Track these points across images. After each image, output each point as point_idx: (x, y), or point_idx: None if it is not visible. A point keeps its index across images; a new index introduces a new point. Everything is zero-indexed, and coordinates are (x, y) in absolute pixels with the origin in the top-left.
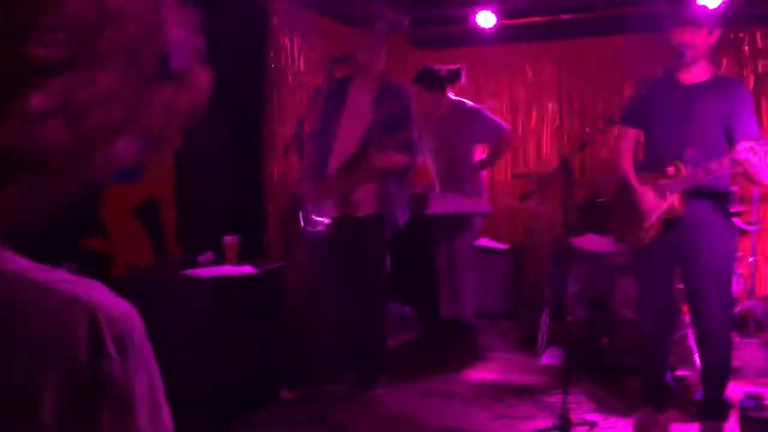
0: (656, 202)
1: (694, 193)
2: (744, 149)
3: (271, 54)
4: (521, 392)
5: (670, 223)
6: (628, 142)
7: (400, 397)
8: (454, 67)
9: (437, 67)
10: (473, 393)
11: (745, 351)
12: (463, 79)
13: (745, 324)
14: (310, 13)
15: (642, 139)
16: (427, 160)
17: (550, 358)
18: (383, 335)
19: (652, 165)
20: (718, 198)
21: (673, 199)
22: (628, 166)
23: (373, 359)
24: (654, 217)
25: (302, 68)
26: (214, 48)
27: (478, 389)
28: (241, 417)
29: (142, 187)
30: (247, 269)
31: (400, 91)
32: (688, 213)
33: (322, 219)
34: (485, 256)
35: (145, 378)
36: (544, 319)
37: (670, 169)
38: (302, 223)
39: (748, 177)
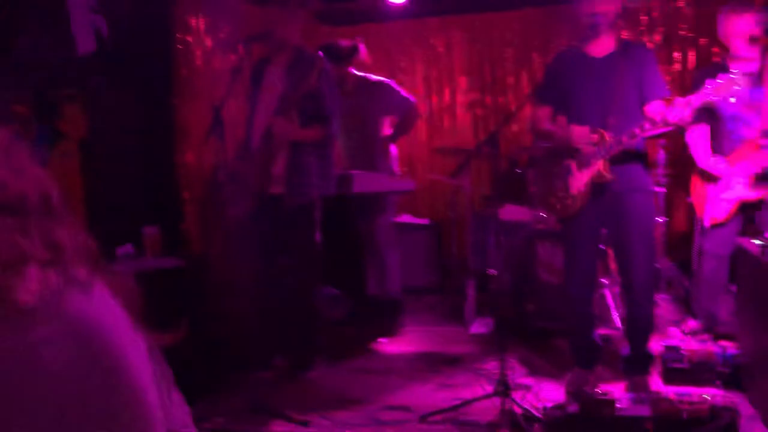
0: (588, 139)
1: (619, 159)
2: (664, 107)
3: (178, 35)
4: (456, 362)
5: (597, 188)
6: (544, 116)
7: (338, 377)
8: (352, 42)
9: (338, 42)
10: (409, 367)
11: (659, 306)
12: (363, 54)
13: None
14: None
15: (557, 114)
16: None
17: (479, 326)
18: (316, 317)
19: None
20: (641, 162)
21: (599, 166)
22: (548, 124)
23: (308, 342)
24: (582, 185)
25: (210, 49)
26: (116, 28)
27: (413, 363)
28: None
29: None
30: (173, 261)
31: (313, 59)
32: (615, 178)
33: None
34: (407, 232)
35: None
36: (470, 290)
37: (595, 137)
38: (223, 209)
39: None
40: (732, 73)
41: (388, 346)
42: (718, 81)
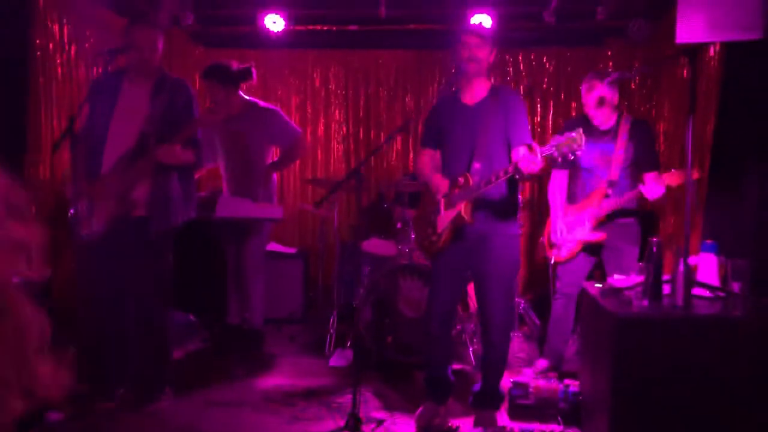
0: (447, 189)
1: (482, 203)
2: (521, 156)
3: (38, 40)
4: (311, 395)
5: (459, 230)
6: (425, 159)
7: (187, 409)
8: (245, 65)
9: (230, 63)
10: (263, 399)
11: (511, 343)
12: (254, 79)
13: None
14: None
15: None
16: (217, 160)
17: (338, 359)
18: (166, 345)
19: (448, 178)
20: (503, 207)
21: (460, 208)
22: (428, 170)
23: (156, 371)
24: (445, 224)
25: (73, 58)
26: None
27: (267, 395)
28: None
29: None
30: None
31: (179, 84)
32: (477, 221)
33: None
34: (273, 260)
35: None
36: (332, 322)
37: (461, 180)
38: (73, 228)
39: (528, 178)
40: (575, 132)
41: (244, 377)
42: (561, 138)
